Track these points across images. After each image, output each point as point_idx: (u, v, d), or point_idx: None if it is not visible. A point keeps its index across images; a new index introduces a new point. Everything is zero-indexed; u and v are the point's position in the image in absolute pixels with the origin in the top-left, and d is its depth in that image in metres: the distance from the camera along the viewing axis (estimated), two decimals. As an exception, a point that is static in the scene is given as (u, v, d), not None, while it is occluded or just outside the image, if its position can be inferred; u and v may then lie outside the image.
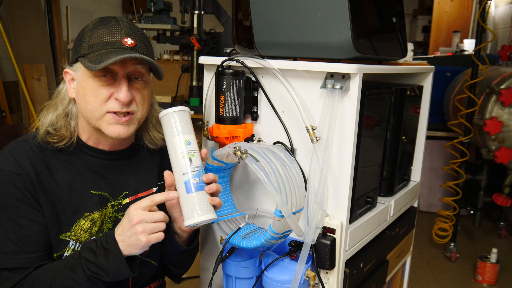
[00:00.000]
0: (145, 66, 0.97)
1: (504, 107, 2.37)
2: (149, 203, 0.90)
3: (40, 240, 0.95)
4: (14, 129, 3.17)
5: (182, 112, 0.94)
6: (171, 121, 0.93)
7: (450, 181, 2.75)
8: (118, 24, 0.95)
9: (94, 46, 0.93)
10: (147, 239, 0.88)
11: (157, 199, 0.91)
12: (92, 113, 0.95)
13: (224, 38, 3.19)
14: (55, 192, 0.97)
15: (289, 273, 0.98)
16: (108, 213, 1.04)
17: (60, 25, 4.19)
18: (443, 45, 4.66)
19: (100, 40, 0.93)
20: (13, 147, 0.97)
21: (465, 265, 2.65)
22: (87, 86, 0.94)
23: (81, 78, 0.96)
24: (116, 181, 1.05)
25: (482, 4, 2.42)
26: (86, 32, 0.96)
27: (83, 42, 0.95)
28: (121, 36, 0.94)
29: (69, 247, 0.98)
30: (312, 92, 0.98)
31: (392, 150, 1.25)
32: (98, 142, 1.03)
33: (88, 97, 0.94)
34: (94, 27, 0.95)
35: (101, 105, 0.94)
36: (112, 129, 0.96)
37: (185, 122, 0.94)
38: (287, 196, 0.89)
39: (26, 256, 0.94)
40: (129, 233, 0.89)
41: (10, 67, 3.55)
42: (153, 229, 0.89)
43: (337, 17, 0.91)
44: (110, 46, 0.93)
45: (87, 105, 0.95)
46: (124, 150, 1.07)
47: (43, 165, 0.96)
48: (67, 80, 1.00)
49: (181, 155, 0.92)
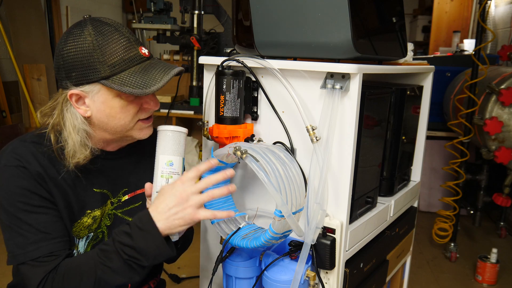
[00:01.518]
0: None
1: (504, 107, 2.37)
2: (195, 173, 0.89)
3: (63, 225, 0.95)
4: (14, 129, 3.17)
5: (177, 133, 0.96)
6: (163, 138, 0.96)
7: (450, 181, 2.75)
8: (121, 34, 0.92)
9: (116, 66, 0.90)
10: (194, 215, 0.87)
11: (202, 168, 0.91)
12: (123, 127, 0.97)
13: (224, 38, 3.20)
14: (63, 186, 0.96)
15: (289, 273, 0.98)
16: (107, 210, 1.04)
17: (60, 25, 4.19)
18: (443, 45, 4.66)
19: (118, 57, 0.90)
20: (14, 146, 0.95)
21: (465, 265, 2.64)
22: (115, 105, 0.93)
23: (103, 98, 0.92)
24: (118, 179, 1.06)
25: (482, 4, 2.42)
26: (94, 50, 0.89)
27: (96, 62, 0.89)
28: (136, 47, 0.94)
29: (76, 244, 0.99)
30: (312, 92, 0.98)
31: (392, 150, 1.25)
32: (107, 145, 1.03)
33: (118, 114, 0.95)
34: (100, 44, 0.89)
35: (132, 118, 0.96)
36: (144, 132, 1.00)
37: (177, 143, 0.96)
38: (287, 196, 0.89)
39: (56, 241, 0.92)
40: (175, 209, 0.87)
41: (10, 67, 3.55)
42: (202, 201, 0.88)
43: (337, 17, 0.91)
44: (134, 62, 0.93)
45: (119, 121, 0.95)
46: (126, 147, 1.08)
47: (48, 161, 0.95)
48: (73, 101, 0.93)
49: (160, 173, 0.95)
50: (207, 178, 0.90)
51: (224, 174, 0.91)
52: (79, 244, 1.00)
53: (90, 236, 1.02)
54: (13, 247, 0.91)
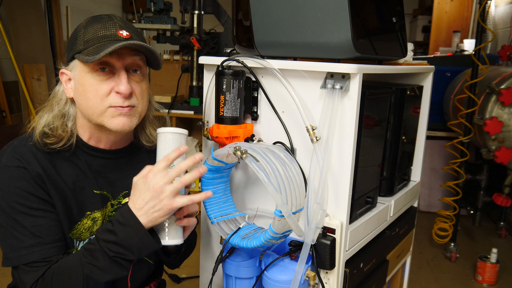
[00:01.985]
0: (142, 58, 0.98)
1: (504, 107, 2.37)
2: (166, 163, 0.88)
3: (59, 229, 0.94)
4: (14, 129, 3.17)
5: (178, 134, 0.95)
6: (164, 141, 0.94)
7: (450, 181, 2.75)
8: (111, 19, 0.96)
9: (89, 41, 0.93)
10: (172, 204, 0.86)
11: (171, 156, 0.88)
12: (93, 109, 0.95)
13: (224, 38, 3.20)
14: (62, 189, 0.96)
15: (289, 273, 0.98)
16: (108, 212, 1.04)
17: (60, 25, 4.19)
18: (443, 45, 4.66)
19: (95, 35, 0.93)
20: (14, 145, 0.96)
21: (465, 265, 2.64)
22: (85, 83, 0.94)
23: (78, 75, 0.95)
24: (116, 180, 1.05)
25: (482, 4, 2.42)
26: (80, 30, 0.96)
27: (78, 39, 0.95)
28: (116, 29, 0.94)
29: (75, 246, 0.98)
30: (312, 92, 0.98)
31: (392, 150, 1.25)
32: (99, 141, 1.02)
33: (88, 93, 0.94)
34: (87, 24, 0.95)
35: (102, 100, 0.94)
36: (116, 121, 0.95)
37: (178, 145, 0.94)
38: (287, 196, 0.89)
39: (49, 246, 0.92)
40: (152, 202, 0.86)
41: (10, 67, 3.55)
42: (177, 189, 0.86)
43: (337, 17, 0.91)
44: (106, 38, 0.93)
45: (88, 101, 0.94)
46: (124, 149, 1.07)
47: (48, 161, 0.95)
48: (63, 81, 1.00)
49: None
50: (177, 166, 0.88)
51: (193, 159, 0.89)
52: (79, 247, 1.00)
53: (92, 238, 1.01)
54: (7, 249, 0.92)
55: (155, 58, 0.98)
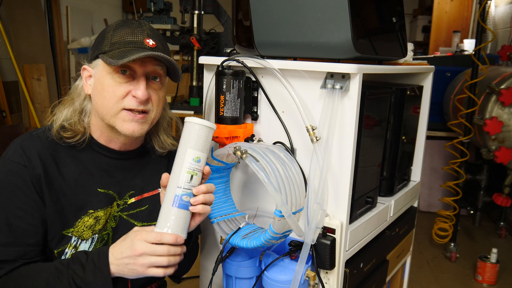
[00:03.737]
0: (163, 68, 0.99)
1: (504, 107, 2.37)
2: (156, 239, 0.87)
3: (34, 235, 0.95)
4: (14, 129, 3.17)
5: (208, 129, 0.92)
6: (194, 132, 0.90)
7: (450, 181, 2.75)
8: (140, 26, 0.98)
9: (116, 44, 0.95)
10: (144, 271, 0.87)
11: (165, 240, 0.88)
12: (107, 109, 0.96)
13: (224, 38, 3.20)
14: (61, 187, 0.97)
15: (289, 273, 0.98)
16: (113, 212, 1.04)
17: (60, 25, 4.19)
18: (443, 45, 4.66)
19: (122, 39, 0.95)
20: (23, 139, 0.98)
21: (465, 265, 2.64)
22: (105, 82, 0.95)
23: (99, 74, 0.97)
24: (123, 180, 1.05)
25: (482, 4, 2.42)
26: (108, 31, 0.98)
27: (105, 39, 0.96)
28: (143, 37, 0.96)
29: (71, 243, 0.98)
30: (312, 92, 0.98)
31: (392, 150, 1.25)
32: (109, 141, 1.03)
33: (105, 93, 0.95)
34: (117, 27, 0.97)
35: (117, 102, 0.95)
36: (127, 126, 0.96)
37: (206, 139, 0.91)
38: (287, 196, 0.89)
39: (17, 248, 0.93)
40: (127, 260, 0.88)
41: (10, 67, 3.55)
42: (153, 263, 0.87)
43: (337, 17, 0.91)
44: (132, 45, 0.95)
45: (104, 101, 0.96)
46: (134, 151, 1.08)
47: (51, 159, 0.96)
48: (84, 76, 1.01)
49: (186, 168, 0.90)
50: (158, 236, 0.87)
51: (175, 240, 0.88)
52: (80, 246, 1.00)
53: (96, 238, 1.01)
54: None
55: (175, 70, 1.00)
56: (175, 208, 0.89)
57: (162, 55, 0.94)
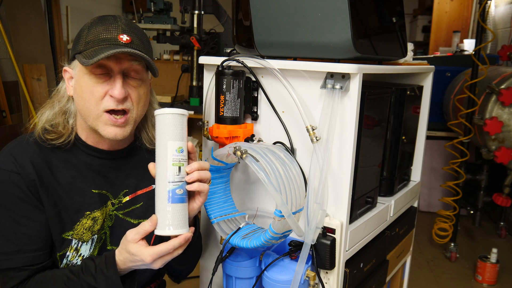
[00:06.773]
0: (141, 63, 0.96)
1: (504, 107, 2.37)
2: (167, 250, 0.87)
3: (41, 239, 0.95)
4: (14, 129, 3.17)
5: (181, 116, 0.88)
6: (168, 123, 0.87)
7: (450, 181, 2.75)
8: (115, 21, 0.95)
9: (90, 43, 0.93)
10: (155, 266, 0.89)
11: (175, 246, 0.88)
12: (89, 112, 0.95)
13: (224, 38, 3.20)
14: (56, 191, 0.96)
15: (289, 273, 0.98)
16: (109, 211, 1.04)
17: (60, 25, 4.19)
18: (443, 45, 4.66)
19: (96, 37, 0.93)
20: (12, 146, 0.96)
21: (465, 265, 2.64)
22: (83, 83, 0.94)
23: (78, 75, 0.96)
24: (116, 180, 1.05)
25: (482, 4, 2.42)
26: (84, 30, 0.96)
27: (81, 39, 0.95)
28: (117, 33, 0.94)
29: (71, 246, 0.98)
30: (312, 92, 0.98)
31: (392, 150, 1.25)
32: (97, 142, 1.02)
33: (84, 94, 0.94)
34: (92, 25, 0.95)
35: (97, 103, 0.94)
36: (108, 130, 0.95)
37: (182, 127, 0.89)
38: (287, 196, 0.89)
39: (26, 255, 0.94)
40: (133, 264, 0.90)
41: (10, 67, 3.55)
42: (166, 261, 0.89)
43: (337, 17, 0.91)
44: (106, 42, 0.92)
45: (84, 102, 0.95)
46: (123, 150, 1.07)
47: (44, 164, 0.96)
48: (66, 78, 1.01)
49: (171, 161, 0.86)
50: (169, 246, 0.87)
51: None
52: (81, 248, 0.99)
53: (95, 238, 1.01)
54: None
55: (150, 65, 0.97)
56: (171, 204, 0.86)
57: (133, 50, 0.91)
